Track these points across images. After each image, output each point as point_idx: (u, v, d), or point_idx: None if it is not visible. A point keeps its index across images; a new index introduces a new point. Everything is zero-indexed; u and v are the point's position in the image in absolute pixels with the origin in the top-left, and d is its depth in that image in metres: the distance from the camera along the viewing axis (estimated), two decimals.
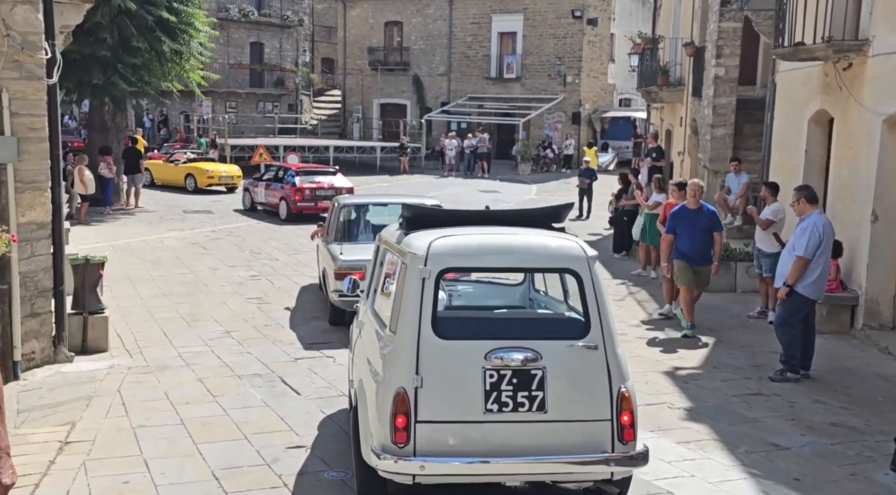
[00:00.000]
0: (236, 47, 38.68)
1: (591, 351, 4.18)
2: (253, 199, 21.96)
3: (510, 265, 4.71)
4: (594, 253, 4.47)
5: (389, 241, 5.00)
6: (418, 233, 4.59)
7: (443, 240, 4.34)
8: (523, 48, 38.08)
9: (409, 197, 11.81)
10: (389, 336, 4.34)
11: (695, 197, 9.59)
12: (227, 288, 12.34)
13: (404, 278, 4.29)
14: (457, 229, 4.57)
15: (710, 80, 15.04)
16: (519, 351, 4.10)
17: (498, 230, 4.69)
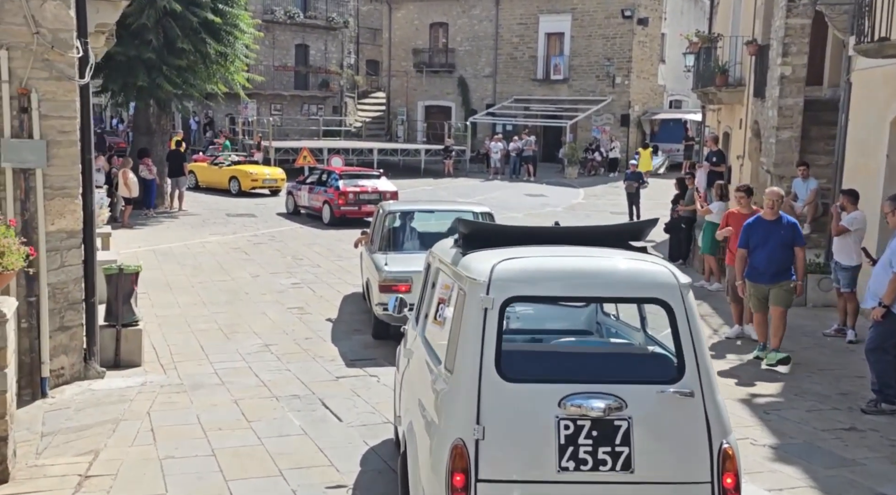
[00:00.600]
0: (281, 49, 38.56)
1: (686, 398, 3.51)
2: (296, 203, 21.61)
3: (588, 294, 4.02)
4: (687, 279, 3.82)
5: (444, 261, 4.40)
6: (478, 253, 3.97)
7: (508, 264, 3.71)
8: (571, 49, 37.31)
9: (457, 203, 11.27)
10: (445, 374, 3.73)
11: (773, 207, 8.59)
12: (267, 296, 11.90)
13: (462, 307, 3.68)
14: (522, 249, 3.96)
15: (776, 80, 14.20)
16: (600, 397, 3.45)
17: (571, 251, 4.03)
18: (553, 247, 4.05)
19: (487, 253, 3.92)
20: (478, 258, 3.88)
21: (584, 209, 25.32)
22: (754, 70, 16.52)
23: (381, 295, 8.37)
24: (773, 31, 14.73)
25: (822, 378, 7.92)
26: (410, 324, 5.20)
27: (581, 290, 3.87)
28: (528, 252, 3.93)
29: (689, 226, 15.29)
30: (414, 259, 8.78)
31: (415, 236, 9.59)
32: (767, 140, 14.89)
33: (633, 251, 4.19)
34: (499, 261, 3.70)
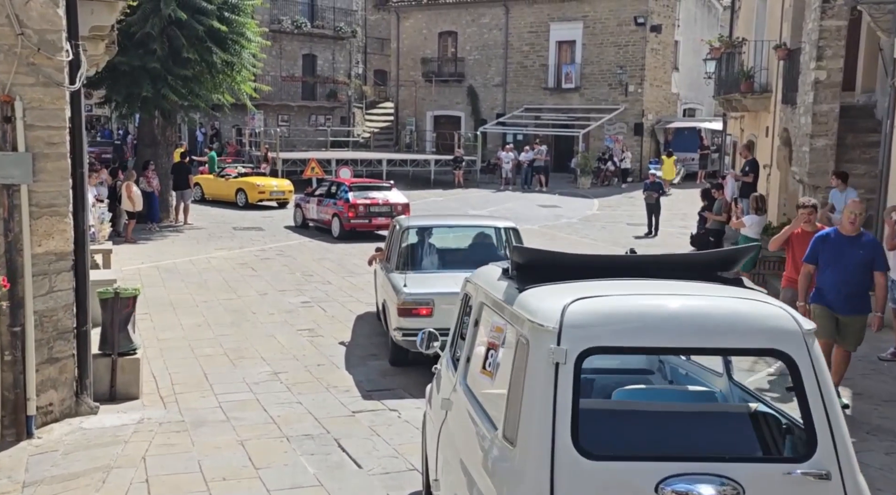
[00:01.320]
0: (289, 59, 38.00)
1: (821, 482, 2.75)
2: (305, 216, 20.97)
3: (689, 344, 3.10)
4: (810, 325, 3.09)
5: (493, 296, 3.62)
6: (539, 289, 3.21)
7: (584, 305, 2.94)
8: (583, 57, 36.65)
9: (479, 218, 10.58)
10: (503, 446, 2.97)
11: (854, 222, 7.32)
12: (276, 316, 11.21)
13: (525, 361, 2.91)
14: (595, 285, 3.21)
15: (809, 85, 13.49)
16: (709, 480, 2.69)
17: (656, 287, 3.25)
18: (631, 282, 3.30)
19: (551, 289, 3.18)
20: (541, 296, 3.14)
21: (600, 220, 24.61)
22: (783, 75, 15.83)
23: (401, 319, 7.68)
24: (805, 34, 14.04)
25: (891, 411, 7.17)
26: (445, 365, 4.47)
27: (679, 339, 3.00)
28: (603, 288, 3.17)
29: (718, 239, 14.57)
30: (435, 279, 8.11)
31: (435, 254, 8.91)
32: (800, 148, 14.17)
33: (729, 285, 3.44)
34: (571, 301, 2.93)
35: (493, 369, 3.23)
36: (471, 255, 8.81)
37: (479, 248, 8.98)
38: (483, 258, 9.03)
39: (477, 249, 8.97)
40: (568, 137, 36.55)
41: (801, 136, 14.05)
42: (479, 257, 8.86)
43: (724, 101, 19.35)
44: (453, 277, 8.07)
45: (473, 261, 8.82)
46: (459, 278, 8.27)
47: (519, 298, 3.19)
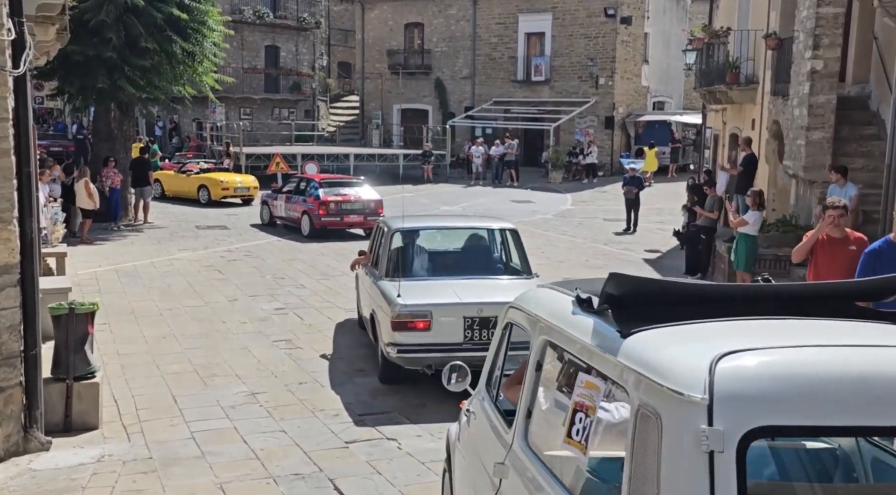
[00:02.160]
0: (251, 51, 36.80)
1: None
2: (272, 213, 20.02)
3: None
4: None
5: (572, 337, 2.77)
6: (649, 334, 2.38)
7: (741, 363, 2.09)
8: (552, 49, 36.04)
9: (475, 219, 9.82)
10: None
11: None
12: (248, 326, 10.33)
13: (659, 445, 2.09)
14: (727, 328, 2.40)
15: (804, 76, 12.94)
16: None
17: (815, 330, 2.42)
18: (775, 323, 2.47)
19: (669, 334, 2.36)
20: (660, 345, 2.30)
21: (575, 216, 24.02)
22: (772, 66, 15.29)
23: (395, 333, 6.88)
24: (798, 22, 13.47)
25: None
26: (483, 410, 3.63)
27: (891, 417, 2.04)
28: (747, 334, 2.34)
29: (710, 237, 13.99)
30: (431, 287, 7.33)
31: (429, 258, 8.13)
32: (794, 142, 13.63)
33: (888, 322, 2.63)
34: (719, 357, 2.06)
35: (586, 440, 2.43)
36: (467, 260, 8.07)
37: (476, 252, 8.24)
38: (481, 262, 8.33)
39: (474, 253, 8.23)
40: (538, 131, 35.96)
41: (796, 129, 13.50)
42: (476, 262, 8.13)
43: (706, 94, 18.80)
44: (450, 285, 7.31)
45: (471, 266, 8.10)
46: (457, 286, 7.55)
47: (626, 347, 2.35)
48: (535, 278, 7.81)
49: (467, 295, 7.01)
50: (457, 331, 6.82)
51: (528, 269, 7.86)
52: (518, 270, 7.94)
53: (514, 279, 7.73)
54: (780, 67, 15.05)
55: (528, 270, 7.84)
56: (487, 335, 6.85)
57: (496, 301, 6.99)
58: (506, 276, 7.86)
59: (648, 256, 17.04)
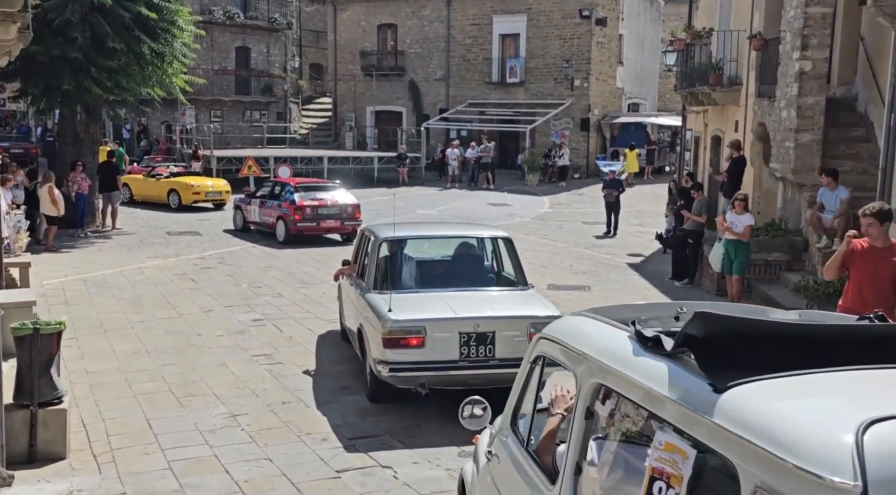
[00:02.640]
0: (221, 52, 36.11)
1: None
2: (245, 218, 19.47)
3: None
4: None
5: (642, 386, 2.31)
6: (753, 389, 1.95)
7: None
8: (527, 51, 35.78)
9: (466, 227, 9.42)
10: None
11: None
12: (225, 338, 9.84)
13: None
14: (849, 380, 1.97)
15: (792, 77, 12.72)
16: None
17: None
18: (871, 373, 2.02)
19: (782, 388, 1.93)
20: (777, 406, 1.86)
21: (554, 219, 23.73)
22: (757, 67, 15.08)
23: (387, 351, 6.45)
24: (784, 22, 13.26)
25: None
26: (512, 456, 3.19)
27: None
28: (885, 390, 1.91)
29: (697, 241, 13.72)
30: (424, 301, 6.91)
31: (420, 269, 7.71)
32: (781, 144, 13.41)
33: None
34: (865, 425, 1.66)
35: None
36: (460, 270, 7.67)
37: (469, 262, 7.84)
38: (474, 273, 7.92)
39: (466, 263, 7.82)
40: (513, 133, 35.68)
41: (783, 131, 13.29)
42: (469, 272, 7.73)
43: (687, 95, 18.57)
44: (444, 298, 6.91)
45: (463, 276, 7.68)
46: (451, 299, 7.13)
47: (725, 406, 1.91)
48: (531, 289, 7.44)
49: (462, 309, 6.61)
50: (452, 347, 6.42)
51: (524, 280, 7.48)
52: (513, 281, 7.56)
53: (510, 291, 7.35)
54: (764, 68, 14.85)
55: (523, 281, 7.47)
56: (485, 351, 6.45)
57: (493, 315, 6.60)
58: (501, 288, 7.47)
59: (632, 260, 16.76)
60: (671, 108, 45.60)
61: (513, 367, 6.65)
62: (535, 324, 6.51)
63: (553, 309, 6.79)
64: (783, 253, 12.59)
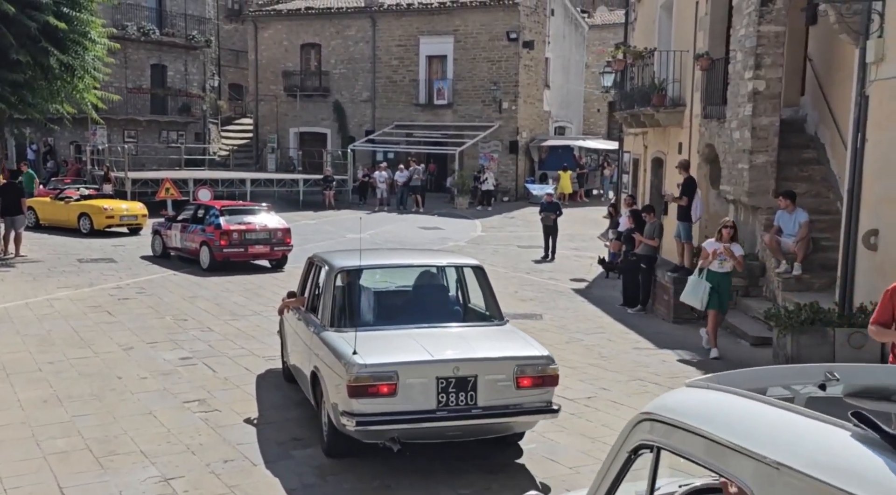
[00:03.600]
0: (135, 70, 34.39)
1: None
2: (165, 244, 18.15)
3: None
4: None
5: None
6: None
7: None
8: (454, 72, 35.36)
9: (433, 254, 8.56)
10: None
11: None
12: (150, 381, 8.69)
13: None
14: None
15: (745, 97, 12.43)
16: None
17: None
18: None
19: None
20: None
21: (489, 243, 23.13)
22: (703, 87, 14.81)
23: (353, 400, 5.51)
24: (735, 41, 13.00)
25: None
26: None
27: None
28: None
29: (650, 266, 13.22)
30: (392, 340, 6.04)
31: (384, 303, 6.80)
32: (733, 166, 13.09)
33: None
34: None
35: None
36: (428, 304, 6.81)
37: (438, 294, 6.99)
38: (444, 307, 7.08)
39: (435, 295, 6.97)
40: (441, 155, 35.11)
41: (736, 153, 12.97)
42: (438, 306, 6.89)
43: (628, 117, 18.26)
44: (414, 337, 6.04)
45: (432, 311, 6.82)
46: (423, 337, 6.24)
47: None
48: (507, 324, 6.65)
49: (438, 349, 5.76)
50: (428, 395, 5.55)
51: (499, 314, 6.68)
52: (487, 315, 6.74)
53: (486, 326, 6.54)
54: (710, 89, 14.60)
55: (498, 315, 6.67)
56: (466, 399, 5.60)
57: (474, 356, 5.77)
58: (475, 323, 6.64)
59: (576, 285, 16.21)
60: (595, 131, 45.99)
61: (496, 417, 5.87)
62: (521, 366, 5.71)
63: (540, 347, 6.00)
64: (740, 278, 12.18)
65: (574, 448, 6.56)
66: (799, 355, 8.99)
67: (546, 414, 5.81)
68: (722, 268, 10.00)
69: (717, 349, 10.08)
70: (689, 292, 10.21)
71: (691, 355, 10.19)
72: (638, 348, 10.56)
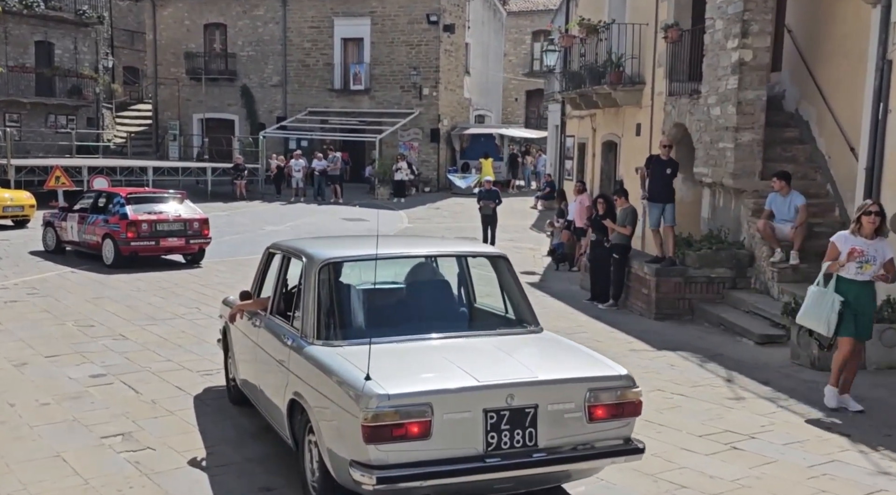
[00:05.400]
0: (17, 46, 31.09)
1: None
2: (59, 238, 15.84)
3: None
4: None
5: None
6: None
7: None
8: (372, 56, 33.57)
9: (439, 242, 6.92)
10: None
11: None
12: (53, 409, 6.77)
13: None
14: None
15: (729, 69, 11.28)
16: None
17: None
18: None
19: None
20: None
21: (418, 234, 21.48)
22: (668, 62, 13.67)
23: (371, 447, 3.85)
24: (713, 9, 11.83)
25: None
26: None
27: None
28: None
29: (624, 256, 11.96)
30: (414, 357, 4.43)
31: (388, 306, 5.11)
32: (712, 146, 11.96)
33: None
34: None
35: None
36: (446, 307, 5.21)
37: (455, 293, 5.40)
38: (464, 308, 5.51)
39: (451, 295, 5.38)
40: (358, 143, 33.29)
41: (715, 131, 11.84)
42: (456, 308, 5.30)
43: (577, 98, 17.03)
44: (437, 351, 4.47)
45: (450, 314, 5.24)
46: (449, 351, 4.53)
47: None
48: (544, 331, 5.13)
49: (481, 369, 4.16)
50: (473, 435, 3.95)
51: (534, 318, 5.14)
52: (517, 320, 5.20)
53: (523, 334, 4.98)
54: (677, 63, 13.48)
55: (533, 319, 5.13)
56: (523, 438, 4.04)
57: (533, 379, 4.19)
58: (508, 330, 5.05)
59: (530, 279, 14.82)
60: (513, 120, 44.99)
61: (563, 463, 4.32)
62: (595, 391, 4.19)
63: (613, 364, 4.48)
64: (727, 268, 11.07)
65: (636, 490, 5.11)
66: (826, 356, 7.83)
67: (628, 456, 4.32)
68: (862, 275, 6.73)
69: (853, 399, 6.98)
70: (809, 310, 6.98)
71: (698, 358, 8.93)
72: (634, 350, 9.24)
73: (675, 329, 10.47)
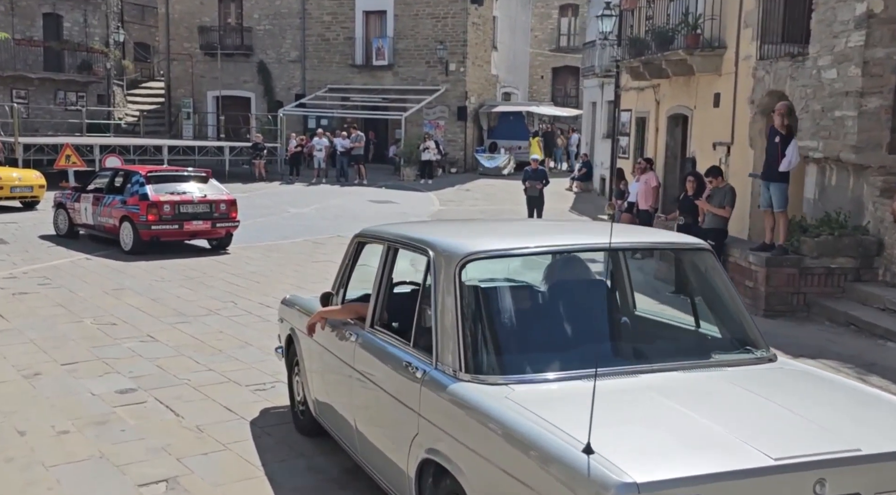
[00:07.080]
0: (24, 18, 29.55)
1: None
2: (72, 220, 14.38)
3: None
4: None
5: None
6: None
7: None
8: (395, 30, 31.87)
9: (593, 228, 5.38)
10: None
11: None
12: (74, 439, 5.29)
13: None
14: None
15: (852, 22, 9.67)
16: None
17: None
18: None
19: None
20: None
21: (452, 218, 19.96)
22: (759, 22, 12.04)
23: None
24: None
25: None
26: None
27: None
28: None
29: (720, 242, 10.37)
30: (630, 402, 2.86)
31: (564, 324, 3.50)
32: (825, 115, 10.35)
33: None
34: None
35: None
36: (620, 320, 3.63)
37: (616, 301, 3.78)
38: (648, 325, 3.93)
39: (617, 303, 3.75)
40: (381, 121, 31.70)
41: (829, 97, 10.23)
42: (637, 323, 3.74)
43: (637, 66, 15.38)
44: (660, 395, 2.90)
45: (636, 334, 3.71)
46: (683, 397, 2.65)
47: None
48: (779, 358, 3.57)
49: (760, 435, 2.57)
50: None
51: (761, 337, 3.57)
52: (738, 340, 3.60)
53: (760, 364, 3.36)
54: (770, 23, 11.85)
55: (760, 339, 3.56)
56: None
57: (857, 453, 2.62)
58: (733, 357, 3.37)
59: None
60: (539, 98, 43.20)
61: None
62: None
63: None
64: (850, 257, 9.48)
65: None
66: None
67: None
68: None
69: None
70: None
71: (850, 368, 7.38)
72: None
73: (794, 329, 8.92)
